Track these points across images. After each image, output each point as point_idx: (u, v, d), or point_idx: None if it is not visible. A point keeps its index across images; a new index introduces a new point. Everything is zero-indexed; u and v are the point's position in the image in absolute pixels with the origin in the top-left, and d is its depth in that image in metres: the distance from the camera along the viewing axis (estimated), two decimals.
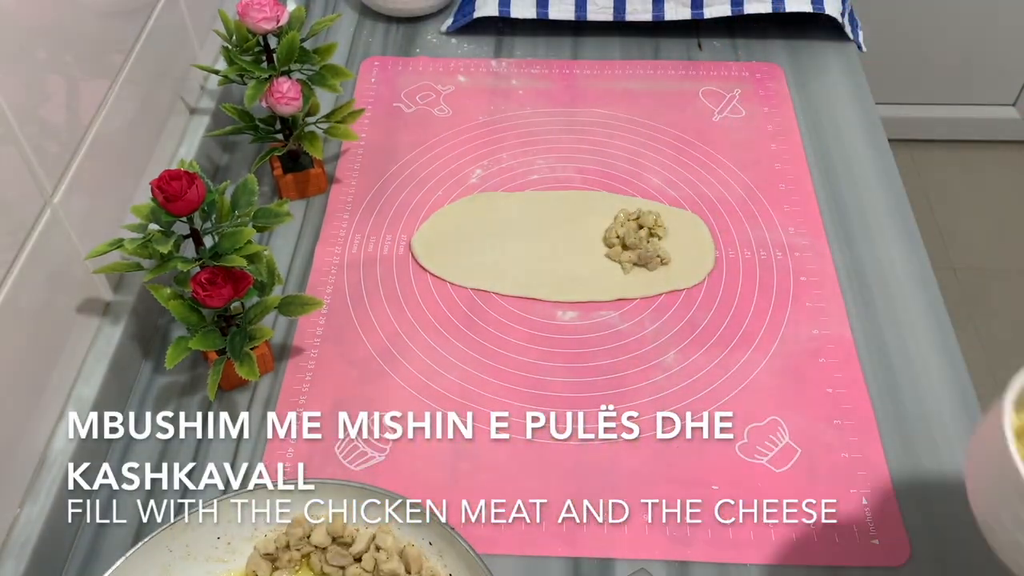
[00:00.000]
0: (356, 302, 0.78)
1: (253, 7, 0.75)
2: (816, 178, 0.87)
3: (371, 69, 0.99)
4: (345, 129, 0.83)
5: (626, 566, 0.62)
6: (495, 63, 1.00)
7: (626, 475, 0.66)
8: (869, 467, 0.66)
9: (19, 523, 0.60)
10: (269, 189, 0.87)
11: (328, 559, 0.60)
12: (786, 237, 0.82)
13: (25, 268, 0.60)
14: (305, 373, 0.73)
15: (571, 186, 0.86)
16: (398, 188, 0.87)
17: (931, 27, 1.98)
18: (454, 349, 0.74)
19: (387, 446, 0.68)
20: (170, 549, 0.58)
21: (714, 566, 0.62)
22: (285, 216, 0.68)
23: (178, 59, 0.86)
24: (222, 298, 0.63)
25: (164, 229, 0.65)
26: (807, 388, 0.70)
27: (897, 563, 0.61)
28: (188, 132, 0.87)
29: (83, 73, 0.68)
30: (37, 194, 0.62)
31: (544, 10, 1.01)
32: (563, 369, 0.73)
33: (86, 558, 0.63)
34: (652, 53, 1.01)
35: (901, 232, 0.82)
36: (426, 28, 1.04)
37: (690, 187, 0.86)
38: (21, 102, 0.59)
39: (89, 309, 0.70)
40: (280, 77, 0.78)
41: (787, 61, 0.99)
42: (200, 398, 0.72)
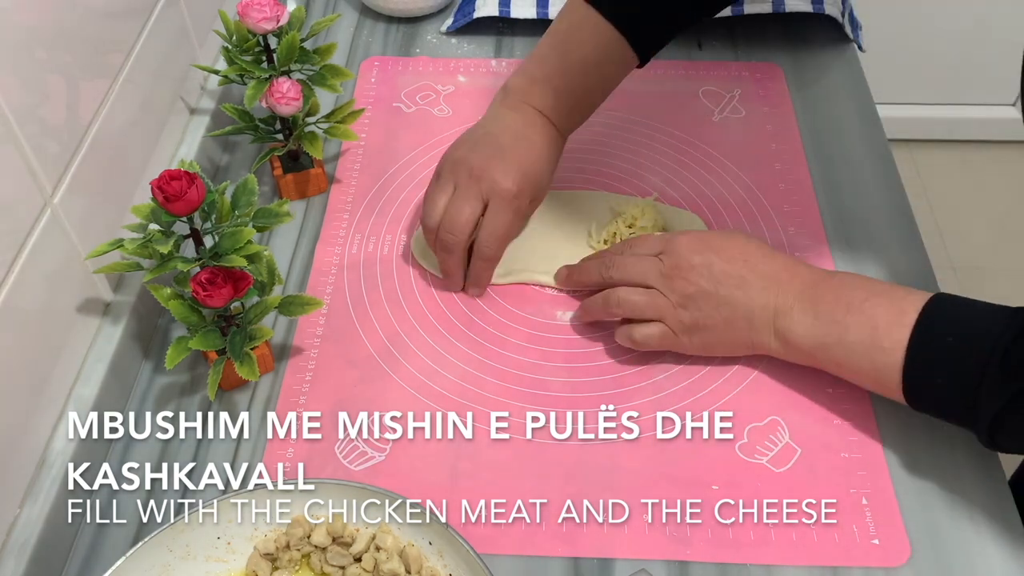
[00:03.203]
0: (356, 302, 0.78)
1: (253, 7, 0.75)
2: (816, 178, 0.87)
3: (371, 69, 0.99)
4: (345, 129, 0.83)
5: (626, 566, 0.62)
6: (495, 63, 1.00)
7: (626, 475, 0.66)
8: (869, 467, 0.66)
9: (19, 523, 0.60)
10: (269, 189, 0.87)
11: (328, 559, 0.60)
12: (786, 237, 0.82)
13: (25, 268, 0.60)
14: (305, 373, 0.73)
15: (571, 186, 0.86)
16: (398, 188, 0.87)
17: (931, 27, 1.98)
18: (454, 349, 0.74)
19: (387, 446, 0.68)
20: (170, 549, 0.58)
21: (714, 566, 0.62)
22: (285, 216, 0.68)
23: (178, 59, 0.86)
24: (222, 298, 0.64)
25: (164, 229, 0.65)
26: (807, 388, 0.70)
27: (897, 563, 0.61)
28: (188, 132, 0.87)
29: (83, 73, 0.68)
30: (37, 194, 0.62)
31: (544, 10, 1.01)
32: (563, 369, 0.73)
33: (86, 558, 0.63)
34: None
35: (901, 232, 0.82)
36: (426, 28, 1.04)
37: (690, 187, 0.86)
38: (21, 102, 0.60)
39: (89, 309, 0.70)
40: (280, 77, 0.78)
41: (787, 61, 0.99)
42: (200, 398, 0.72)
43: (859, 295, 0.64)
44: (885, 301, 0.63)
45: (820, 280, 0.67)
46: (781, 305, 0.67)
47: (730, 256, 0.68)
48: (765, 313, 0.67)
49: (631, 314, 0.71)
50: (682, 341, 0.70)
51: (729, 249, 0.69)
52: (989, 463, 0.66)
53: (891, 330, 0.62)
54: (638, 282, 0.71)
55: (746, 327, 0.68)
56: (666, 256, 0.70)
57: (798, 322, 0.66)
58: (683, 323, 0.69)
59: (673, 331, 0.70)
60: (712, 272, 0.68)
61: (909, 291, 0.64)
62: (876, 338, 0.62)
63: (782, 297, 0.67)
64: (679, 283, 0.69)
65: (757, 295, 0.67)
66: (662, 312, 0.70)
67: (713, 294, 0.68)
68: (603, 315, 0.74)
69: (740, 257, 0.68)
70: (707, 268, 0.68)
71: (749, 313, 0.67)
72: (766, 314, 0.67)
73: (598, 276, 0.74)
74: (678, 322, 0.69)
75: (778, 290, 0.67)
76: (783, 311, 0.66)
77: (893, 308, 0.63)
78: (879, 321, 0.63)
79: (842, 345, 0.64)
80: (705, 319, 0.68)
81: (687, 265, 0.69)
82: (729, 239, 0.70)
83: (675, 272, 0.69)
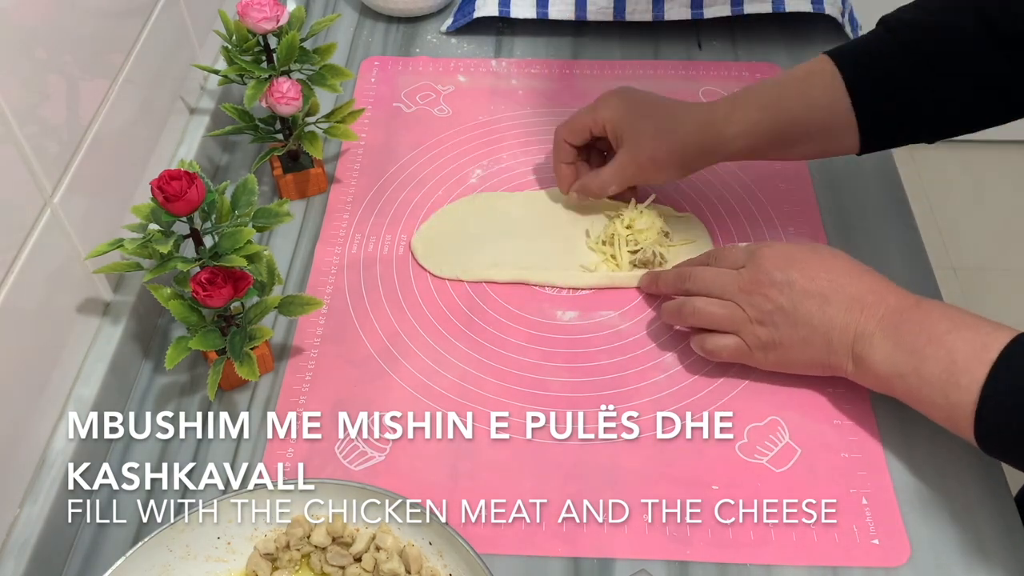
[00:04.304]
0: (356, 302, 0.78)
1: (253, 7, 0.75)
2: (816, 178, 0.87)
3: (371, 69, 0.99)
4: (345, 129, 0.83)
5: (626, 566, 0.62)
6: (495, 63, 1.00)
7: (626, 475, 0.66)
8: (869, 467, 0.66)
9: (19, 523, 0.60)
10: (269, 189, 0.87)
11: (328, 559, 0.60)
12: (786, 237, 0.82)
13: (25, 268, 0.60)
14: (305, 373, 0.73)
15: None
16: (398, 188, 0.87)
17: None
18: (454, 349, 0.74)
19: (387, 446, 0.68)
20: (170, 549, 0.58)
21: (714, 566, 0.62)
22: (285, 216, 0.68)
23: (178, 59, 0.86)
24: (222, 298, 0.64)
25: (164, 229, 0.65)
26: (807, 388, 0.70)
27: (897, 563, 0.61)
28: (188, 132, 0.87)
29: (83, 73, 0.68)
30: (37, 194, 0.62)
31: (544, 10, 1.01)
32: (563, 369, 0.73)
33: (86, 558, 0.63)
34: (652, 53, 1.01)
35: (901, 232, 0.82)
36: (426, 28, 1.04)
37: (690, 187, 0.86)
38: (21, 102, 0.60)
39: (89, 309, 0.70)
40: (280, 77, 0.78)
41: (787, 61, 0.99)
42: (200, 398, 0.72)
43: (943, 326, 0.61)
44: (969, 335, 0.59)
45: (907, 307, 0.63)
46: (862, 329, 0.64)
47: (813, 274, 0.66)
48: (845, 336, 0.64)
49: (706, 324, 0.69)
50: (756, 357, 0.68)
51: (813, 266, 0.66)
52: (989, 463, 0.66)
53: (970, 366, 0.58)
54: (716, 295, 0.69)
55: (823, 348, 0.65)
56: (747, 269, 0.68)
57: (877, 348, 0.63)
58: (759, 339, 0.67)
59: (748, 346, 0.68)
60: (793, 290, 0.65)
61: (998, 327, 0.60)
62: (953, 374, 0.59)
63: (864, 321, 0.64)
64: (758, 298, 0.67)
65: (838, 316, 0.64)
66: (738, 326, 0.68)
67: (791, 312, 0.65)
68: (678, 321, 0.72)
69: (824, 275, 0.66)
70: (788, 285, 0.66)
71: (828, 334, 0.65)
72: (846, 337, 0.64)
73: (675, 287, 0.73)
74: (754, 337, 0.67)
75: (861, 313, 0.64)
76: (864, 335, 0.63)
77: (976, 343, 0.59)
78: (958, 356, 0.59)
79: (918, 376, 0.61)
80: (782, 337, 0.66)
81: (768, 281, 0.66)
82: (814, 255, 0.67)
83: (754, 287, 0.67)
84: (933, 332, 0.61)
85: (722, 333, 0.69)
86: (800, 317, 0.65)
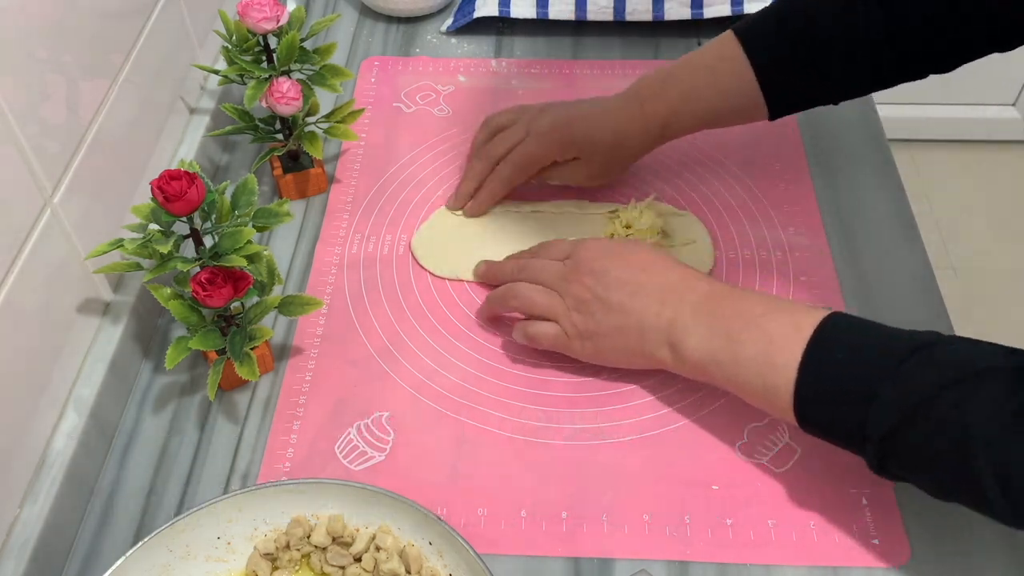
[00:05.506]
0: (356, 302, 0.78)
1: (253, 7, 0.75)
2: (816, 178, 0.87)
3: (371, 69, 0.99)
4: (345, 129, 0.83)
5: (626, 566, 0.62)
6: (495, 63, 1.00)
7: (626, 475, 0.66)
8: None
9: (19, 523, 0.60)
10: (269, 189, 0.87)
11: (328, 559, 0.60)
12: (786, 237, 0.82)
13: (25, 268, 0.60)
14: (305, 373, 0.73)
15: (570, 187, 0.86)
16: (398, 188, 0.87)
17: None
18: (454, 349, 0.74)
19: (387, 446, 0.68)
20: (170, 549, 0.58)
21: (714, 566, 0.62)
22: (285, 216, 0.68)
23: (178, 59, 0.86)
24: (222, 298, 0.64)
25: (164, 229, 0.65)
26: None
27: (897, 563, 0.61)
28: (188, 132, 0.87)
29: (83, 73, 0.68)
30: (37, 194, 0.62)
31: (544, 10, 1.01)
32: (563, 369, 0.73)
33: (86, 558, 0.63)
34: (652, 53, 1.01)
35: (901, 232, 0.82)
36: (426, 28, 1.04)
37: (690, 187, 0.86)
38: (21, 102, 0.60)
39: (89, 309, 0.70)
40: (280, 77, 0.78)
41: None
42: (200, 398, 0.72)
43: (758, 309, 0.62)
44: (783, 317, 0.60)
45: (720, 294, 0.64)
46: (675, 316, 0.64)
47: (628, 264, 0.68)
48: (659, 322, 0.65)
49: (527, 309, 0.71)
50: (574, 345, 0.69)
51: (629, 258, 0.68)
52: None
53: (786, 346, 0.59)
54: (541, 282, 0.71)
55: (638, 337, 0.66)
56: (570, 260, 0.70)
57: (692, 334, 0.63)
58: (576, 327, 0.68)
59: (567, 334, 0.69)
60: (607, 279, 0.67)
61: (811, 308, 0.61)
62: (770, 354, 0.59)
63: (678, 308, 0.64)
64: (575, 287, 0.68)
65: (651, 304, 0.65)
66: (556, 313, 0.69)
67: (605, 300, 0.67)
68: (502, 308, 0.74)
69: (639, 266, 0.68)
70: (603, 274, 0.68)
71: (641, 322, 0.66)
72: (660, 323, 0.65)
73: (510, 275, 0.74)
74: (571, 325, 0.69)
75: (674, 301, 0.65)
76: (677, 323, 0.64)
77: (790, 323, 0.59)
78: (774, 336, 0.59)
79: (735, 361, 0.61)
80: (598, 326, 0.67)
81: (585, 270, 0.68)
82: (633, 249, 0.70)
83: (573, 276, 0.69)
84: (748, 316, 0.62)
85: (544, 320, 0.70)
86: (613, 305, 0.67)
